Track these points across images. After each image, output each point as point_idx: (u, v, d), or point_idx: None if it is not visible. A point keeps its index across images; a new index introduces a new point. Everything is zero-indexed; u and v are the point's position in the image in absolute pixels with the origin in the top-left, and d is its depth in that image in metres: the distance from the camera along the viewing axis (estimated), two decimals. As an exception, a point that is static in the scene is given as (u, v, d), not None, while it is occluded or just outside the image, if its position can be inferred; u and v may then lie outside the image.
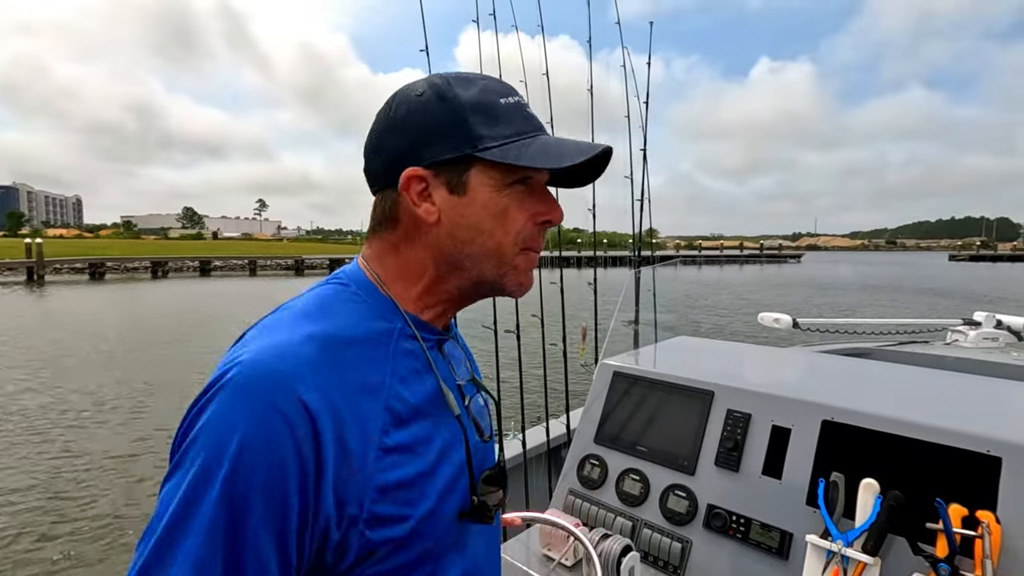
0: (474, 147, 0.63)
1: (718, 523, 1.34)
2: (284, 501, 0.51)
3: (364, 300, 0.66)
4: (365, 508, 0.56)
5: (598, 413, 1.70)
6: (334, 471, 0.54)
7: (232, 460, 0.50)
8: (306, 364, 0.55)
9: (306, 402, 0.53)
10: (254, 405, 0.52)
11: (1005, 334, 2.81)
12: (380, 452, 0.58)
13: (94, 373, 10.08)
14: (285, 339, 0.57)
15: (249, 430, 0.51)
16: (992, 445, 1.09)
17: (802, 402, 1.35)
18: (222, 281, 37.24)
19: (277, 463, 0.51)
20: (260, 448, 0.51)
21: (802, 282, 36.87)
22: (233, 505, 0.50)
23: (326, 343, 0.58)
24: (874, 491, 1.11)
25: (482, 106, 0.64)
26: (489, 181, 0.65)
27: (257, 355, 0.55)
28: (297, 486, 0.52)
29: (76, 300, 24.01)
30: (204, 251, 60.38)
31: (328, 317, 0.62)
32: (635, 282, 2.98)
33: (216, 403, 0.53)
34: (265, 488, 0.50)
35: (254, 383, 0.53)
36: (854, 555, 1.08)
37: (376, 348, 0.63)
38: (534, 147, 0.64)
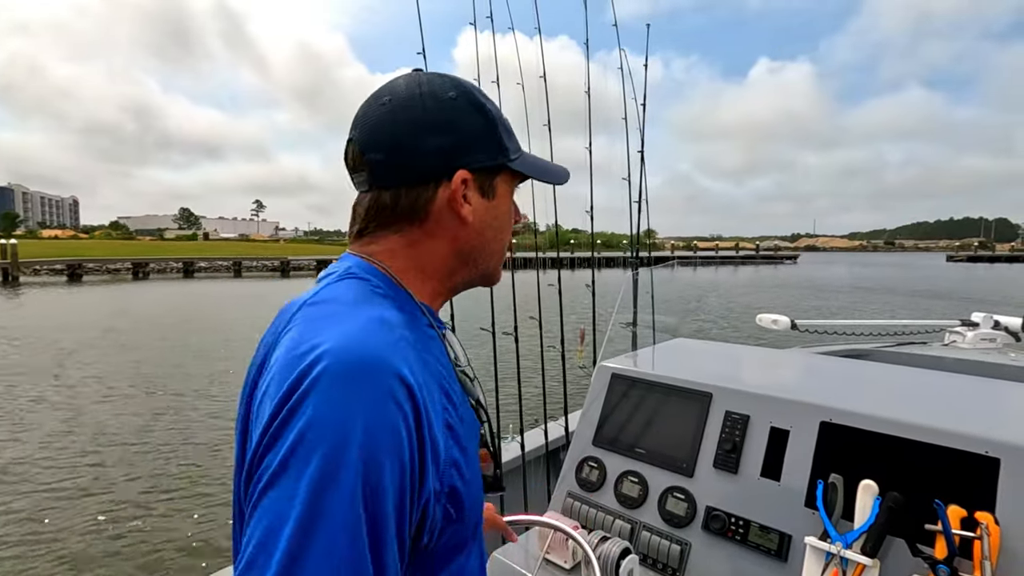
0: (506, 157, 0.71)
1: (717, 525, 1.34)
2: (406, 483, 0.52)
3: (387, 292, 0.67)
4: (445, 483, 0.58)
5: (596, 415, 1.70)
6: (429, 446, 0.55)
7: (361, 450, 0.48)
8: (392, 344, 0.56)
9: (407, 380, 0.53)
10: (365, 390, 0.50)
11: (1003, 335, 2.81)
12: (446, 428, 0.60)
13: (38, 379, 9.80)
14: (360, 324, 0.56)
15: (370, 417, 0.50)
16: (990, 446, 1.09)
17: (800, 403, 1.35)
18: (205, 283, 36.78)
19: (399, 446, 0.51)
20: (385, 433, 0.50)
21: (795, 284, 36.37)
22: (369, 496, 0.48)
23: (393, 325, 0.59)
24: (873, 493, 1.11)
25: (502, 120, 0.72)
26: (507, 188, 0.74)
27: (344, 341, 0.53)
28: (411, 467, 0.53)
29: (45, 302, 23.61)
30: (189, 252, 59.64)
31: (374, 304, 0.62)
32: (633, 284, 2.98)
33: (317, 396, 0.49)
34: (394, 473, 0.50)
35: (357, 369, 0.51)
36: (853, 557, 1.08)
37: (417, 334, 0.64)
38: (539, 162, 0.77)
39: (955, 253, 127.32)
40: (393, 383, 0.52)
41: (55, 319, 17.72)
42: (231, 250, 69.31)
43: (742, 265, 65.88)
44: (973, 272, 56.87)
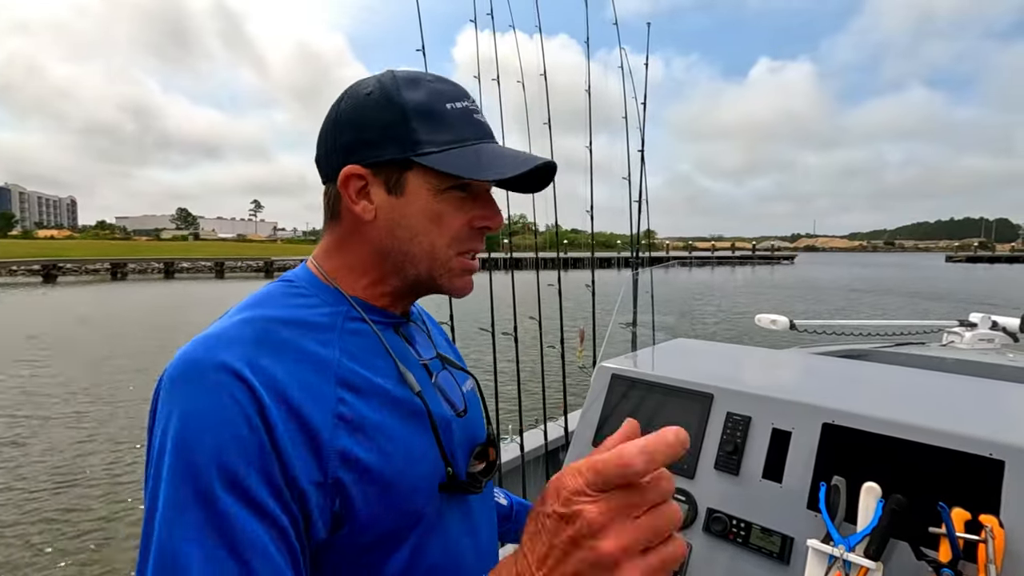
0: (414, 151, 0.65)
1: (718, 527, 1.33)
2: (246, 458, 0.51)
3: (309, 294, 0.68)
4: (330, 474, 0.56)
5: (596, 416, 1.69)
6: (288, 430, 0.54)
7: (176, 437, 0.51)
8: (236, 341, 0.57)
9: (236, 369, 0.54)
10: (187, 385, 0.53)
11: (1001, 335, 2.82)
12: (337, 420, 0.58)
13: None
14: (219, 328, 0.59)
15: (186, 407, 0.52)
16: (995, 448, 1.08)
17: (802, 405, 1.34)
18: (185, 284, 35.90)
19: (225, 425, 0.51)
20: (204, 421, 0.51)
21: (789, 285, 35.22)
22: (192, 476, 0.50)
23: (261, 324, 0.60)
24: (876, 495, 1.11)
25: (426, 110, 0.65)
26: (426, 185, 0.66)
27: (188, 346, 0.57)
28: (253, 441, 0.52)
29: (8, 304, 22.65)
30: (173, 252, 58.84)
31: (267, 307, 0.64)
32: (633, 284, 2.98)
33: (159, 400, 0.55)
34: (221, 451, 0.51)
35: (185, 368, 0.55)
36: (856, 560, 1.07)
37: (321, 330, 0.64)
38: (471, 156, 0.66)
39: (954, 253, 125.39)
40: (216, 372, 0.53)
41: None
42: (216, 251, 68.37)
43: (739, 266, 65.32)
44: (972, 273, 55.59)
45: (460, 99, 0.68)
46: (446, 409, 0.74)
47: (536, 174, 0.71)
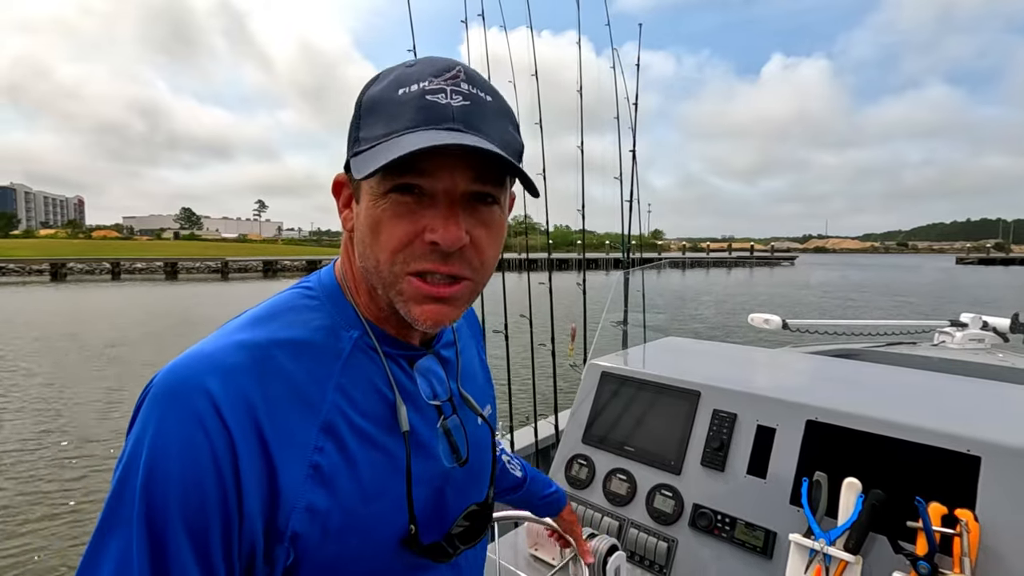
0: (351, 152, 0.57)
1: (704, 522, 1.34)
2: (202, 502, 0.49)
3: (322, 307, 0.62)
4: (289, 527, 0.53)
5: (586, 413, 1.71)
6: (256, 478, 0.51)
7: (145, 469, 0.49)
8: (222, 367, 0.52)
9: (218, 403, 0.50)
10: (165, 410, 0.50)
11: (991, 335, 2.84)
12: (310, 470, 0.54)
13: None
14: (213, 347, 0.54)
15: (158, 436, 0.49)
16: (972, 444, 1.10)
17: (787, 402, 1.36)
18: (125, 288, 31.32)
19: (190, 464, 0.49)
20: (172, 451, 0.49)
21: (768, 289, 31.22)
22: (150, 510, 0.48)
23: (259, 351, 0.55)
24: (856, 490, 1.12)
25: (375, 103, 0.56)
26: (369, 189, 0.56)
27: (177, 363, 0.53)
28: (215, 487, 0.49)
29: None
30: (126, 252, 55.52)
31: (272, 324, 0.58)
32: (624, 283, 2.99)
33: (138, 415, 0.52)
34: (182, 490, 0.49)
35: (165, 389, 0.51)
36: (836, 554, 1.08)
37: (321, 358, 0.58)
38: (385, 150, 0.52)
39: (966, 255, 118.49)
40: (195, 403, 0.50)
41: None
42: (167, 250, 63.29)
43: (735, 267, 63.16)
44: (982, 276, 49.74)
45: (423, 79, 0.55)
46: (443, 459, 0.66)
47: (503, 165, 0.55)
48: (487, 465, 0.75)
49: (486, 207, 0.58)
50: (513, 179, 0.60)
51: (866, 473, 1.15)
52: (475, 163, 0.54)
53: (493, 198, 0.58)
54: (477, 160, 0.54)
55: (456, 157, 0.53)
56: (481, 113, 0.56)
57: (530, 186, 0.58)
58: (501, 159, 0.53)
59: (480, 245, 0.58)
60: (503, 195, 0.59)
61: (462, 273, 0.57)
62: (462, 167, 0.54)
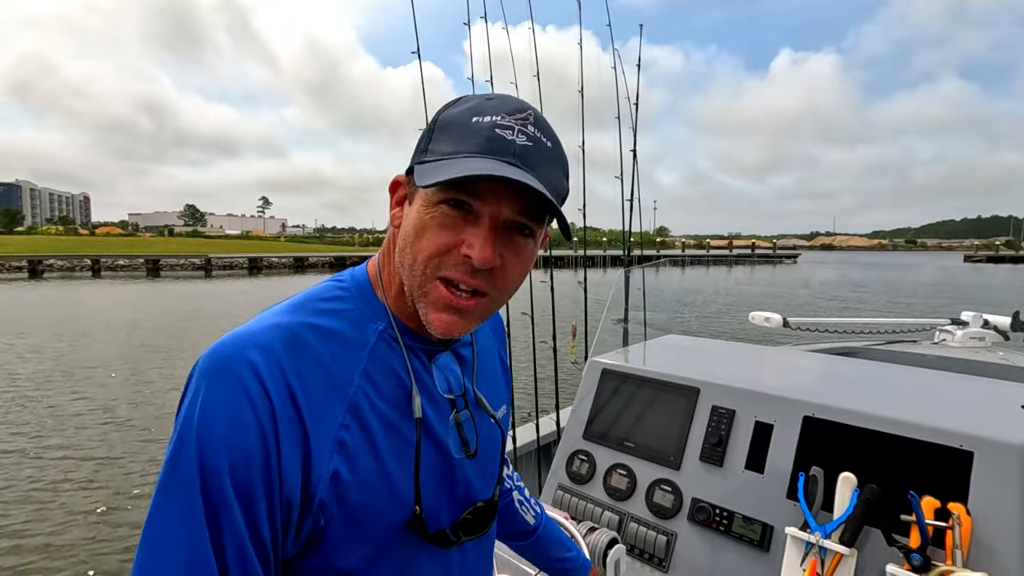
0: (417, 160, 0.63)
1: (702, 516, 1.37)
2: (248, 464, 0.53)
3: (353, 299, 0.67)
4: (319, 493, 0.57)
5: (587, 410, 1.73)
6: (293, 444, 0.56)
7: (197, 433, 0.53)
8: (263, 345, 0.57)
9: (260, 372, 0.55)
10: (213, 381, 0.55)
11: (992, 333, 2.85)
12: (336, 444, 0.59)
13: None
14: (253, 328, 0.59)
15: (208, 403, 0.54)
16: (965, 440, 1.12)
17: (785, 399, 1.38)
18: (101, 286, 29.70)
19: (238, 428, 0.53)
20: (220, 417, 0.53)
21: (765, 288, 29.49)
22: (204, 471, 0.52)
23: (292, 331, 0.60)
24: (851, 484, 1.14)
25: (449, 122, 0.62)
26: (423, 196, 0.61)
27: (222, 341, 0.58)
28: (260, 450, 0.53)
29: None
30: (113, 249, 53.80)
31: (305, 311, 0.63)
32: (624, 281, 3.01)
33: (188, 388, 0.56)
34: (230, 452, 0.53)
35: (212, 363, 0.56)
36: (831, 546, 1.11)
37: (350, 346, 0.63)
38: (447, 166, 0.58)
39: (973, 253, 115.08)
40: (239, 370, 0.55)
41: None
42: (150, 247, 60.32)
43: (736, 265, 61.11)
44: (990, 275, 47.90)
45: (495, 113, 0.61)
46: (453, 448, 0.70)
47: (545, 205, 0.61)
48: (496, 463, 0.79)
49: (522, 238, 0.63)
50: (551, 219, 0.66)
51: (861, 468, 1.17)
52: (523, 197, 0.60)
53: (530, 231, 0.63)
54: (524, 195, 0.60)
55: (508, 188, 0.59)
56: (539, 155, 0.61)
57: (565, 230, 0.66)
58: (545, 199, 0.59)
59: (508, 269, 0.63)
60: (540, 231, 0.65)
61: (484, 289, 0.62)
62: (510, 198, 0.60)
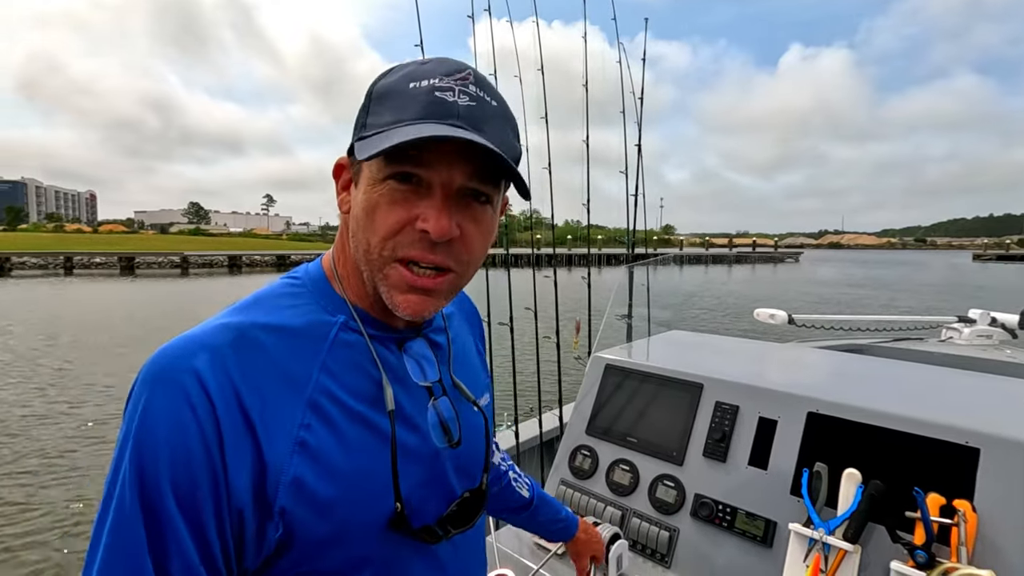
0: (357, 137, 0.59)
1: (705, 512, 1.36)
2: (191, 473, 0.51)
3: (307, 295, 0.63)
4: (279, 500, 0.54)
5: (590, 405, 1.72)
6: (240, 451, 0.52)
7: (135, 442, 0.51)
8: (210, 347, 0.54)
9: (203, 378, 0.52)
10: (153, 387, 0.52)
11: (999, 331, 2.82)
12: (296, 446, 0.55)
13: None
14: (198, 330, 0.56)
15: (148, 411, 0.51)
16: (971, 436, 1.11)
17: (788, 395, 1.37)
18: (69, 286, 28.13)
19: (178, 435, 0.51)
20: (160, 424, 0.51)
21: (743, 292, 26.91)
22: (142, 482, 0.50)
23: (241, 331, 0.57)
24: (856, 481, 1.13)
25: (385, 92, 0.58)
26: (368, 173, 0.58)
27: (165, 346, 0.55)
28: (203, 458, 0.51)
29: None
30: (87, 245, 52.17)
31: (255, 310, 0.60)
32: (628, 277, 3.00)
33: (128, 400, 0.54)
34: (170, 461, 0.50)
35: (154, 370, 0.53)
36: (835, 543, 1.10)
37: (306, 341, 0.60)
38: (389, 136, 0.54)
39: (983, 252, 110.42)
40: (180, 375, 0.52)
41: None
42: (126, 244, 58.87)
43: (737, 264, 58.88)
44: (999, 274, 46.73)
45: (433, 76, 0.57)
46: (435, 438, 0.67)
47: (500, 167, 0.57)
48: (481, 451, 0.74)
49: (479, 205, 0.60)
50: (508, 184, 0.62)
51: (866, 464, 1.16)
52: (473, 161, 0.57)
53: (487, 197, 0.60)
54: (475, 158, 0.56)
55: (455, 153, 0.56)
56: (484, 115, 0.58)
57: (523, 189, 0.61)
58: (497, 159, 0.55)
59: (469, 240, 0.60)
60: (497, 196, 0.61)
61: (447, 264, 0.59)
62: (460, 163, 0.56)
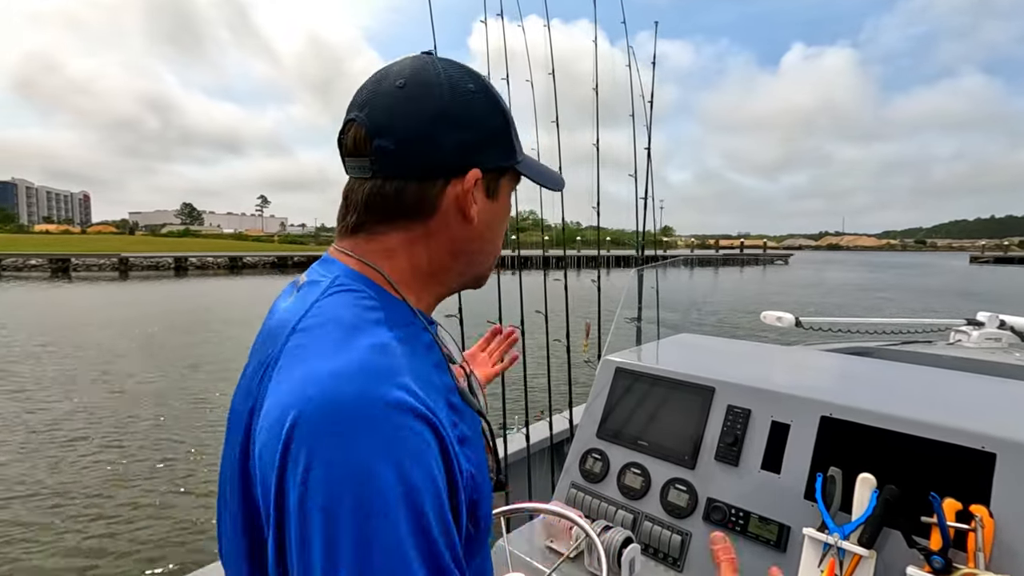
0: (516, 160, 0.71)
1: (717, 516, 1.36)
2: (445, 511, 0.51)
3: (382, 305, 0.62)
4: (466, 498, 0.58)
5: (600, 408, 1.73)
6: (456, 467, 0.55)
7: (398, 489, 0.47)
8: (394, 372, 0.53)
9: (411, 404, 0.51)
10: (369, 430, 0.48)
11: (1008, 334, 2.81)
12: (457, 442, 0.58)
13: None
14: (355, 357, 0.52)
15: (392, 453, 0.48)
16: (987, 441, 1.11)
17: (801, 398, 1.37)
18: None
19: (430, 473, 0.50)
20: (411, 463, 0.49)
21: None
22: (417, 533, 0.47)
23: (389, 349, 0.55)
24: (870, 486, 1.13)
25: (511, 117, 0.70)
26: (508, 188, 0.73)
27: (333, 379, 0.50)
28: (444, 492, 0.52)
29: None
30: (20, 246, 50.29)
31: (369, 325, 0.58)
32: (638, 280, 3.01)
33: (319, 446, 0.47)
34: (433, 502, 0.50)
35: (348, 409, 0.49)
36: (850, 548, 1.10)
37: (416, 347, 0.61)
38: (532, 164, 0.75)
39: (980, 253, 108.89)
40: (401, 414, 0.50)
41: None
42: (59, 245, 56.67)
43: (723, 267, 56.79)
44: (993, 276, 46.41)
45: (499, 96, 0.72)
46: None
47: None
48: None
49: None
50: None
51: (880, 469, 1.16)
52: None
53: None
54: None
55: None
56: None
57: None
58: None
59: None
60: None
61: None
62: None
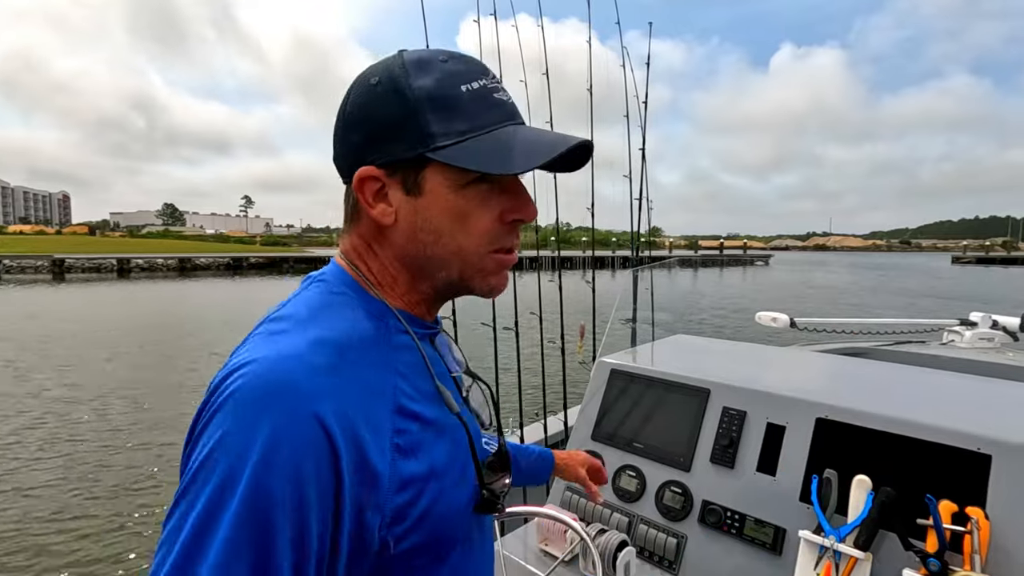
0: (427, 146, 0.59)
1: (713, 519, 1.35)
2: (310, 517, 0.50)
3: (352, 299, 0.63)
4: (386, 511, 0.55)
5: (595, 410, 1.72)
6: (352, 481, 0.53)
7: (255, 467, 0.48)
8: (318, 373, 0.53)
9: (322, 416, 0.51)
10: (272, 414, 0.50)
11: (1001, 334, 2.82)
12: (395, 454, 0.56)
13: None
14: (292, 347, 0.54)
15: (269, 438, 0.49)
16: (982, 443, 1.10)
17: (796, 400, 1.37)
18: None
19: (297, 472, 0.49)
20: (282, 456, 0.49)
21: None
22: (256, 514, 0.48)
23: (333, 348, 0.56)
24: (866, 488, 1.13)
25: (439, 97, 0.59)
26: (446, 181, 0.60)
27: (267, 363, 0.52)
28: (320, 501, 0.50)
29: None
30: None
31: (326, 321, 0.59)
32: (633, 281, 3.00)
33: (229, 413, 0.50)
34: (290, 503, 0.49)
35: (270, 391, 0.51)
36: (846, 550, 1.09)
37: (376, 348, 0.60)
38: (491, 144, 0.59)
39: (962, 254, 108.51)
40: (303, 415, 0.50)
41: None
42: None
43: (703, 268, 56.46)
44: (975, 277, 46.03)
45: (476, 77, 0.61)
46: (476, 426, 0.71)
47: (570, 152, 0.62)
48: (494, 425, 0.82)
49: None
50: None
51: (876, 471, 1.16)
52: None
53: None
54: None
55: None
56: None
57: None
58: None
59: None
60: None
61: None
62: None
